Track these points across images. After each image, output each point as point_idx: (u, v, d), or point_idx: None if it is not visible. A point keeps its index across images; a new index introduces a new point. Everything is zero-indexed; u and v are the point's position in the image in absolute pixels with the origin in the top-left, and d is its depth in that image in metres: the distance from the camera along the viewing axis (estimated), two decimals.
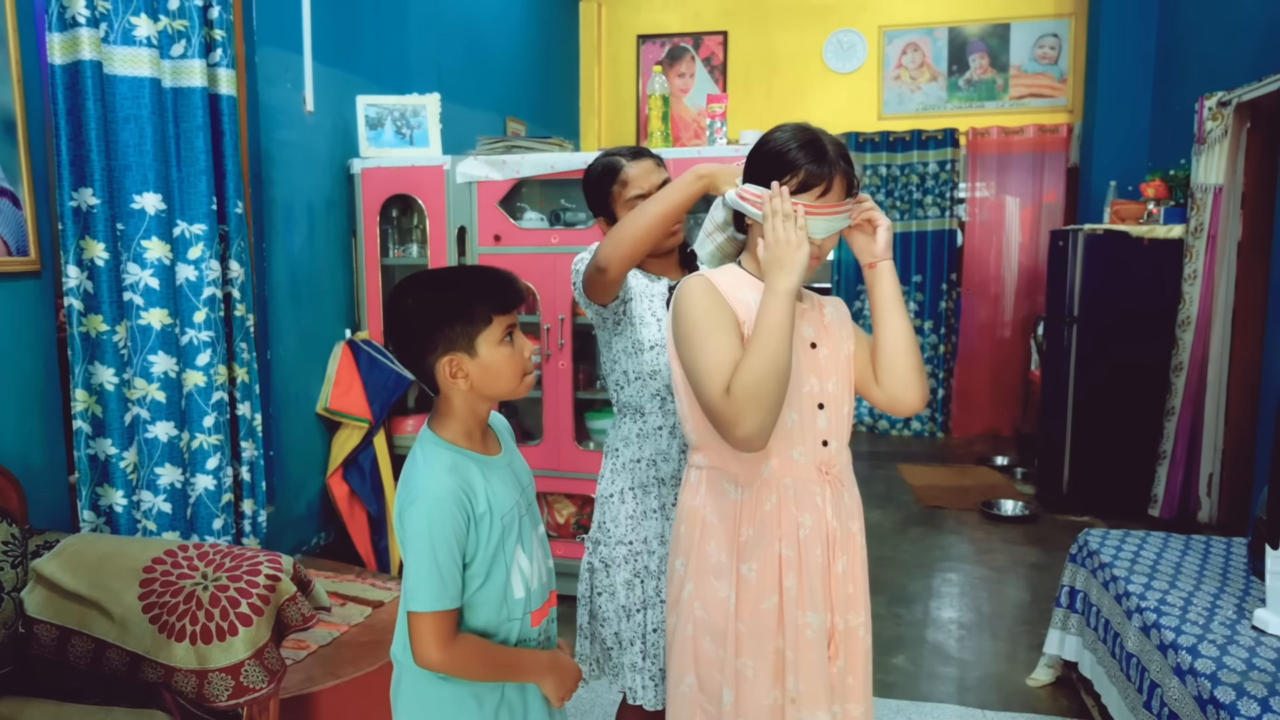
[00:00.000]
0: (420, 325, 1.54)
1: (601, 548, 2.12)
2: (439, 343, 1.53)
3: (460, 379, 1.54)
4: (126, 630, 2.15)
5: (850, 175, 1.69)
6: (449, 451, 1.56)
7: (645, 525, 2.06)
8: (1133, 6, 5.88)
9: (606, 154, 2.19)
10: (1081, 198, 6.31)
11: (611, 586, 2.09)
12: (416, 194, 3.88)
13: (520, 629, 1.60)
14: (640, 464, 2.08)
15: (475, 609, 1.55)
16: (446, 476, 1.51)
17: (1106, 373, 4.99)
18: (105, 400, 2.64)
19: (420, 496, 1.50)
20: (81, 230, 2.61)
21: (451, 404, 1.58)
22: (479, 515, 1.53)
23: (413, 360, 1.57)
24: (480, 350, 1.53)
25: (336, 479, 3.79)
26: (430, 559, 1.47)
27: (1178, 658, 2.20)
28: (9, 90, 2.47)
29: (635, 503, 2.07)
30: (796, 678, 1.68)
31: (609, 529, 2.10)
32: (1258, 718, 1.91)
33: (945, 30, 6.74)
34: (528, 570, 1.60)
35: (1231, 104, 4.30)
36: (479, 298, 1.54)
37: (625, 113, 7.15)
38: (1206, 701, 2.01)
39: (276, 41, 3.55)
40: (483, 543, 1.53)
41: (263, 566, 2.22)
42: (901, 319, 1.74)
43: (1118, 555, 2.85)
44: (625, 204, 2.09)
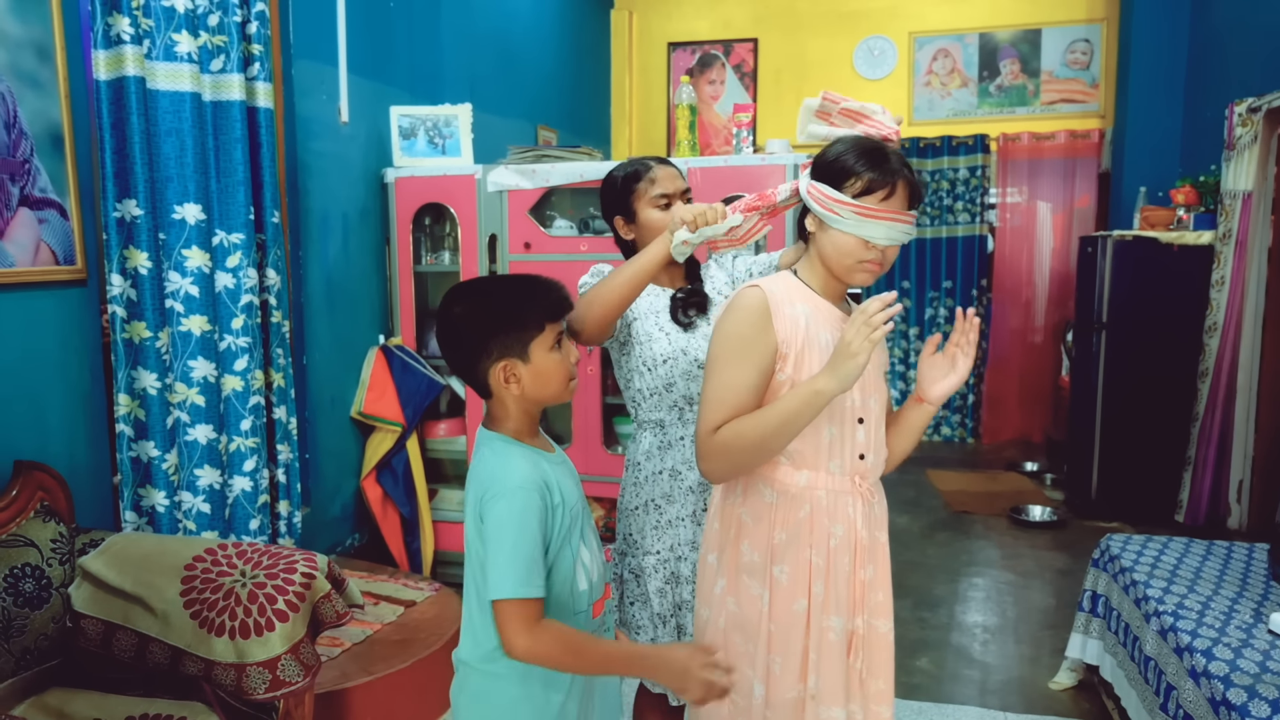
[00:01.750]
0: (474, 332, 1.58)
1: (629, 559, 2.16)
2: (494, 349, 1.56)
3: (514, 384, 1.58)
4: (168, 625, 2.24)
5: (914, 185, 1.68)
6: (519, 446, 1.60)
7: (672, 533, 2.10)
8: (1164, 12, 5.86)
9: (622, 164, 2.24)
10: (1112, 204, 6.29)
11: (644, 595, 2.13)
12: (448, 202, 3.96)
13: (586, 620, 1.64)
14: (663, 475, 2.10)
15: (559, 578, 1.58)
16: (526, 467, 1.55)
17: (1135, 379, 4.97)
18: (148, 404, 2.74)
19: (504, 487, 1.52)
20: (125, 240, 2.71)
21: (506, 407, 1.61)
22: (554, 505, 1.57)
23: (465, 366, 1.61)
24: (534, 356, 1.57)
25: (370, 482, 3.88)
26: (516, 546, 1.49)
27: (1193, 660, 2.22)
28: (57, 105, 2.57)
29: (659, 514, 2.10)
30: (818, 676, 1.73)
31: (635, 540, 2.14)
32: (1268, 719, 1.93)
33: (976, 36, 6.73)
34: (589, 562, 1.64)
35: (1261, 110, 4.28)
36: (532, 305, 1.58)
37: (656, 120, 7.21)
38: (1219, 703, 2.03)
39: (312, 54, 3.64)
40: (557, 531, 1.57)
41: (299, 565, 2.30)
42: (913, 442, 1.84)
43: (1138, 560, 2.87)
44: (649, 200, 2.12)
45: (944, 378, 1.76)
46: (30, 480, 2.41)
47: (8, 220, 2.42)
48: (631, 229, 2.17)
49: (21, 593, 2.22)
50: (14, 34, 2.43)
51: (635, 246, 2.17)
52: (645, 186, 2.13)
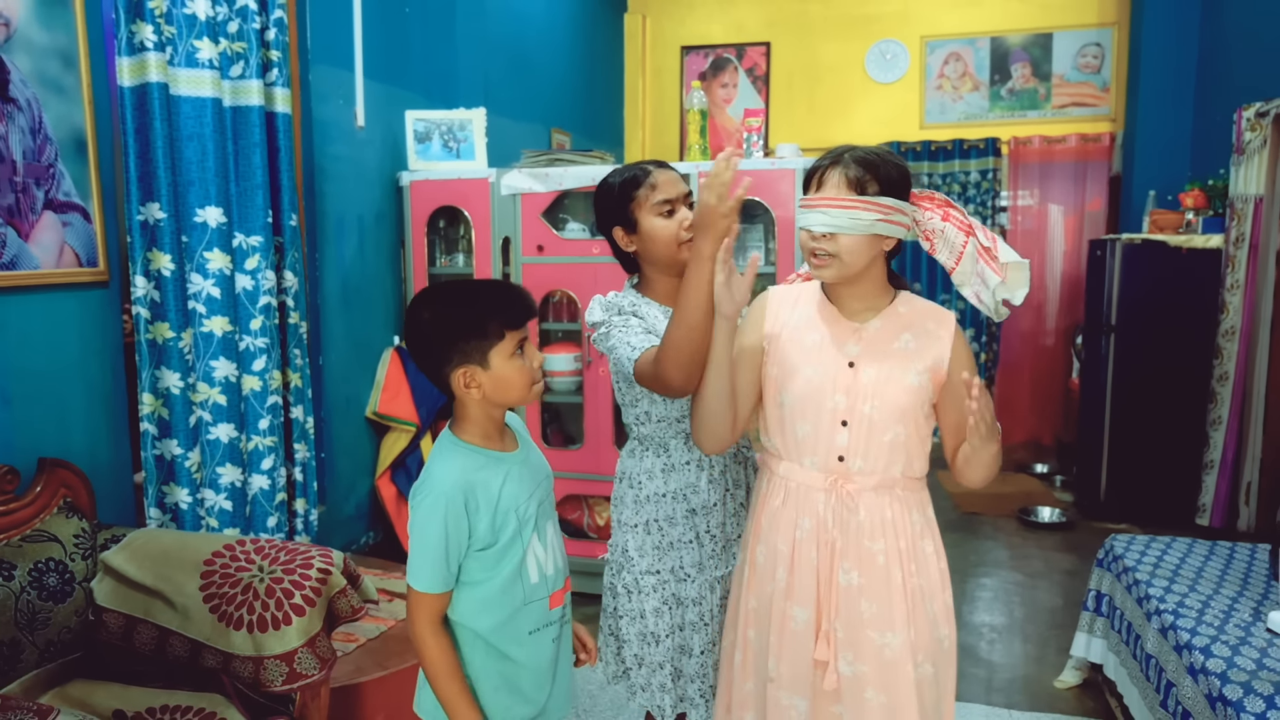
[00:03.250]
0: (437, 339, 1.65)
1: (624, 573, 2.13)
2: (454, 356, 1.63)
3: (474, 389, 1.65)
4: (188, 619, 2.29)
5: (852, 173, 1.71)
6: (465, 452, 1.68)
7: (675, 555, 2.08)
8: (1174, 17, 5.87)
9: (619, 169, 2.14)
10: (1123, 207, 6.30)
11: (636, 611, 2.11)
12: (463, 205, 4.01)
13: (540, 610, 1.72)
14: (666, 498, 2.08)
15: (492, 584, 1.68)
16: (455, 473, 1.64)
17: (1144, 382, 4.99)
18: (171, 403, 2.80)
19: (429, 489, 1.64)
20: (149, 242, 2.77)
21: (467, 409, 1.69)
22: (481, 511, 1.65)
23: (430, 370, 1.69)
24: (493, 363, 1.64)
25: (385, 481, 3.93)
26: (427, 545, 1.63)
27: (1191, 657, 2.26)
28: (80, 111, 2.63)
29: (661, 534, 2.08)
30: (777, 661, 1.81)
31: (632, 556, 2.11)
32: (1262, 714, 1.97)
33: (987, 40, 6.75)
34: (542, 557, 1.72)
35: (1270, 115, 4.29)
36: (492, 314, 1.64)
37: (669, 123, 7.25)
38: (1216, 699, 2.06)
39: (329, 60, 3.70)
40: (500, 532, 1.66)
41: (315, 561, 2.35)
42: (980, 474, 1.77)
43: (1141, 560, 2.90)
44: (652, 208, 2.01)
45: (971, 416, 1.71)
46: (54, 477, 2.47)
47: (33, 223, 2.48)
48: (633, 239, 2.06)
49: (45, 586, 2.28)
50: (39, 41, 2.49)
51: (636, 258, 2.10)
52: (646, 193, 2.03)
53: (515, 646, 1.70)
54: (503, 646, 1.70)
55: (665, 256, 2.03)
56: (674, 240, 2.01)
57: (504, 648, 1.70)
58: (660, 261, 2.05)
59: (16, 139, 2.43)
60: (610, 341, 2.00)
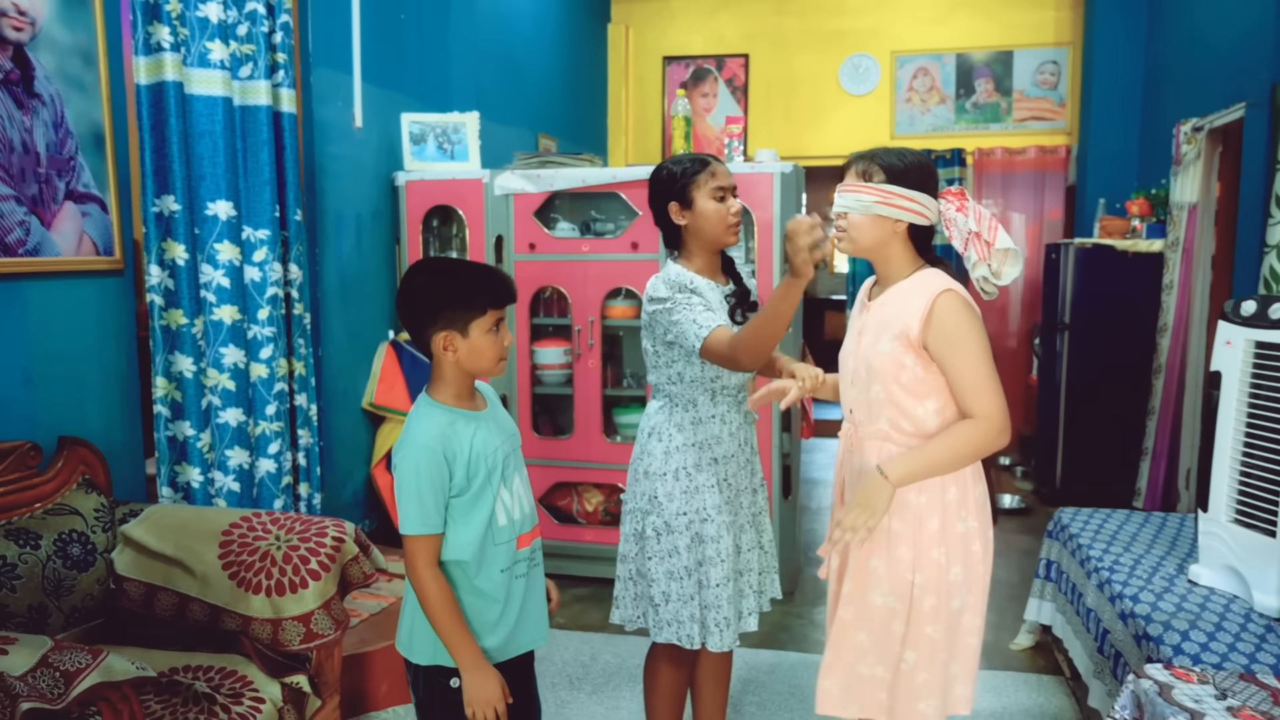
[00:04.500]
0: (427, 302, 1.86)
1: (653, 517, 2.34)
2: (439, 320, 1.85)
3: (450, 352, 1.86)
4: (208, 585, 2.43)
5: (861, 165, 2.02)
6: (441, 411, 1.89)
7: (699, 498, 2.32)
8: (1122, 38, 6.19)
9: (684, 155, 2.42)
10: (1078, 214, 6.59)
11: (667, 550, 2.33)
12: (458, 205, 4.16)
13: (509, 551, 1.93)
14: (694, 447, 2.33)
15: (467, 527, 1.88)
16: (433, 429, 1.84)
17: (1095, 375, 5.28)
18: (184, 386, 2.94)
19: (411, 444, 1.84)
20: (164, 233, 2.91)
21: (443, 371, 1.90)
22: (458, 460, 1.85)
23: (415, 329, 1.90)
24: (472, 333, 1.86)
25: (380, 470, 4.06)
26: (415, 493, 1.82)
27: (1123, 605, 2.51)
28: (99, 107, 2.77)
29: (689, 479, 2.32)
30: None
31: (661, 502, 2.33)
32: (1177, 645, 2.23)
33: (953, 56, 7.00)
34: (509, 502, 1.93)
35: (1204, 129, 4.56)
36: (480, 290, 1.87)
37: (651, 130, 7.44)
38: (1141, 638, 2.31)
39: (329, 63, 3.84)
40: (472, 478, 1.86)
41: (329, 530, 2.50)
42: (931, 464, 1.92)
43: (1085, 528, 3.16)
44: (708, 191, 2.29)
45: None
46: (74, 455, 2.60)
47: (55, 213, 2.61)
48: (686, 214, 2.32)
49: (70, 556, 2.41)
50: (62, 41, 2.63)
51: (683, 232, 2.35)
52: (706, 178, 2.30)
53: (488, 582, 1.91)
54: (478, 582, 1.90)
55: (712, 234, 2.32)
56: (723, 221, 2.31)
57: (479, 583, 1.90)
58: (705, 237, 2.33)
59: (40, 132, 2.56)
60: (675, 316, 2.24)
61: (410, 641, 1.98)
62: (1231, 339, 2.53)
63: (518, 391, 4.19)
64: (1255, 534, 2.42)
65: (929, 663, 1.95)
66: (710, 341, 2.16)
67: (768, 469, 3.88)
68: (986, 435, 1.87)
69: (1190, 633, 2.27)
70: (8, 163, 2.45)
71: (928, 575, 1.93)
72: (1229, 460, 2.52)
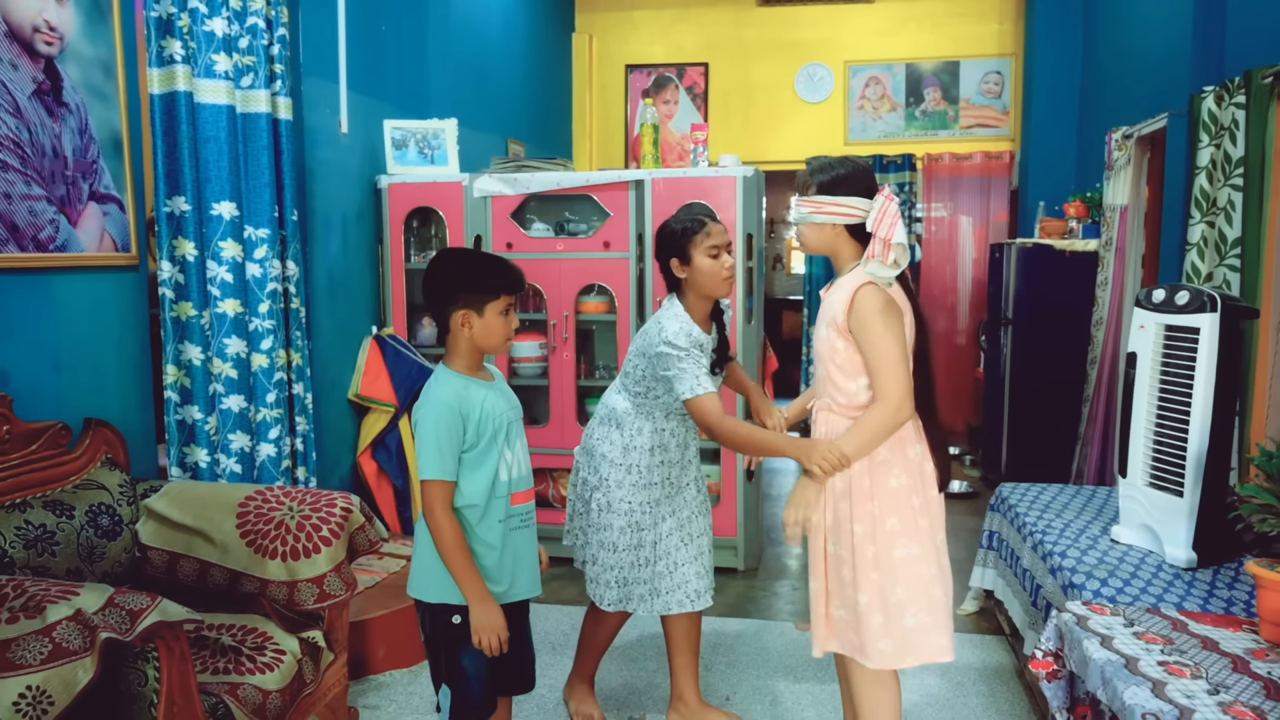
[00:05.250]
0: (451, 282, 2.17)
1: (599, 494, 2.79)
2: (460, 299, 2.15)
3: (467, 329, 2.15)
4: (227, 552, 2.65)
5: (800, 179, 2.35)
6: (456, 377, 2.18)
7: (645, 492, 2.78)
8: (1060, 50, 6.59)
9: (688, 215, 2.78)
10: (1020, 216, 6.97)
11: (603, 525, 2.79)
12: (438, 206, 4.41)
13: (506, 504, 2.22)
14: (647, 451, 2.79)
15: (476, 478, 2.16)
16: (450, 390, 2.14)
17: (1036, 367, 5.64)
18: (193, 374, 3.15)
19: (430, 402, 2.14)
20: (175, 231, 3.12)
21: (458, 344, 2.19)
22: (470, 418, 2.13)
23: (436, 306, 2.19)
24: (486, 313, 2.16)
25: (366, 457, 4.29)
26: (435, 443, 2.10)
27: (1052, 561, 2.82)
28: (118, 115, 2.98)
29: (638, 475, 2.77)
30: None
31: (611, 486, 2.78)
32: (1097, 590, 2.54)
33: (903, 66, 7.37)
34: (510, 460, 2.23)
35: (1133, 137, 4.92)
36: (497, 277, 2.18)
37: (615, 136, 7.71)
38: (1067, 586, 2.61)
39: (318, 73, 4.07)
40: (481, 435, 2.15)
41: (338, 501, 2.74)
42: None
43: (1022, 499, 3.49)
44: (704, 250, 2.65)
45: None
46: (98, 435, 2.81)
47: (80, 212, 2.83)
48: (685, 269, 2.69)
49: (100, 526, 2.62)
50: (86, 53, 2.84)
51: (682, 285, 2.72)
52: (702, 238, 2.67)
53: (488, 530, 2.19)
54: (479, 530, 2.18)
55: (707, 287, 2.69)
56: (717, 276, 2.67)
57: (480, 531, 2.18)
58: (701, 289, 2.70)
59: (68, 138, 2.78)
60: (683, 365, 2.58)
61: (421, 583, 2.24)
62: (1145, 323, 2.86)
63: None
64: (1166, 495, 2.75)
65: (882, 605, 2.24)
66: (700, 403, 2.54)
67: (733, 455, 4.17)
68: (884, 414, 2.17)
69: (1109, 580, 2.59)
70: (40, 166, 2.66)
71: (865, 526, 2.23)
72: (1144, 430, 2.84)
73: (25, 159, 2.62)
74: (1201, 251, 3.92)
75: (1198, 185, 3.99)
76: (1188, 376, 2.67)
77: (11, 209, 2.57)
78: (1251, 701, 1.79)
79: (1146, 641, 2.08)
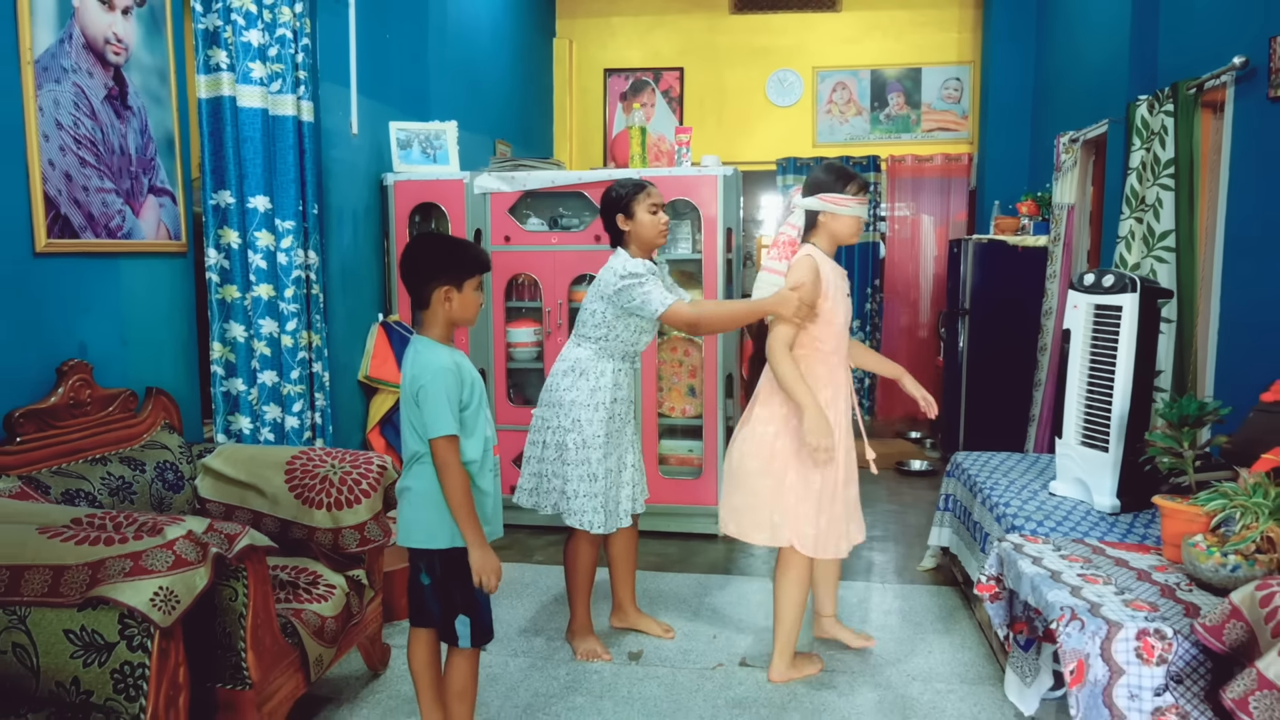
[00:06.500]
0: (434, 262, 2.44)
1: (573, 434, 3.21)
2: (441, 275, 2.41)
3: (448, 303, 2.43)
4: (277, 504, 3.01)
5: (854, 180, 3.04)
6: (442, 346, 2.44)
7: (612, 424, 3.25)
8: (1014, 59, 7.07)
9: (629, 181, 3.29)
10: (978, 215, 7.44)
11: (583, 459, 3.21)
12: (441, 202, 4.77)
13: (492, 457, 2.54)
14: (609, 388, 3.25)
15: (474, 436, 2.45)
16: (447, 357, 2.41)
17: (991, 354, 6.07)
18: (237, 350, 3.50)
19: (432, 367, 2.38)
20: (220, 221, 3.47)
21: (437, 317, 2.44)
22: (464, 383, 2.42)
23: (418, 283, 2.44)
24: (464, 289, 2.45)
25: (375, 434, 4.64)
26: (445, 402, 2.36)
27: (998, 511, 3.23)
28: (170, 117, 3.33)
29: (605, 411, 3.23)
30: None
31: (583, 424, 3.21)
32: (1034, 530, 2.96)
33: (869, 72, 7.83)
34: (488, 417, 2.53)
35: (1079, 140, 5.38)
36: (471, 259, 2.48)
37: (594, 137, 8.09)
38: (1009, 530, 3.01)
39: (333, 78, 4.41)
40: (473, 396, 2.44)
41: (374, 459, 3.11)
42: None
43: (975, 463, 3.92)
44: (646, 206, 3.21)
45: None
46: (158, 402, 3.16)
47: (141, 203, 3.17)
48: (629, 223, 3.23)
49: (166, 480, 2.97)
50: (146, 62, 3.19)
51: (625, 237, 3.26)
52: (644, 197, 3.23)
53: (484, 479, 2.51)
54: (479, 481, 2.49)
55: (646, 238, 3.24)
56: (655, 228, 3.24)
57: (479, 482, 2.49)
58: (642, 241, 3.25)
59: (132, 138, 3.12)
60: (645, 288, 3.11)
61: (430, 533, 2.50)
62: (1078, 304, 3.29)
63: (494, 367, 4.82)
64: (1095, 451, 3.19)
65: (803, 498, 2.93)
66: (673, 311, 3.09)
67: (713, 432, 4.58)
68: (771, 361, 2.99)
69: (1044, 522, 3.02)
70: (110, 163, 3.00)
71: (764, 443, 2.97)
72: (1077, 397, 3.28)
73: (99, 156, 2.96)
74: (1129, 244, 4.37)
75: (1129, 184, 4.44)
76: (1113, 348, 3.10)
77: (89, 200, 2.91)
78: (1149, 599, 2.22)
79: (1070, 560, 2.51)
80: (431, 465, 2.44)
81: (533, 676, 3.21)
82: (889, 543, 4.69)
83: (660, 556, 4.43)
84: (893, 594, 3.95)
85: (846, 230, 3.04)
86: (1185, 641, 2.02)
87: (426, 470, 2.46)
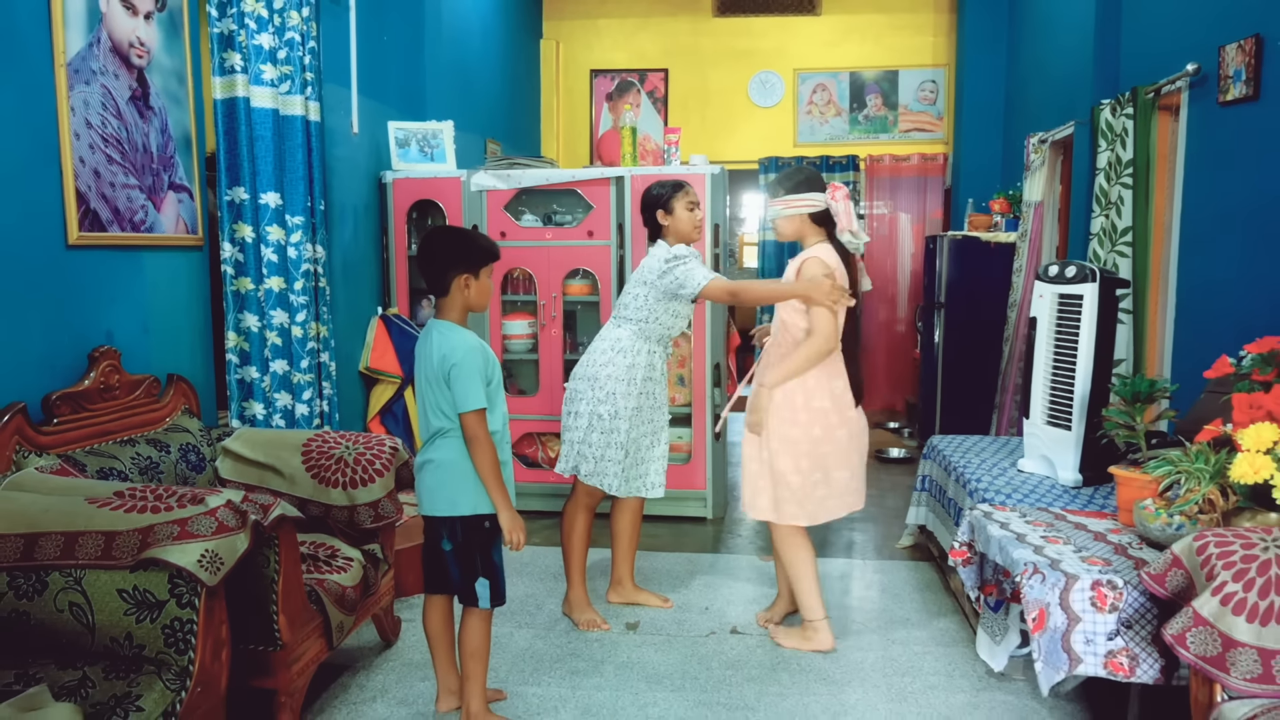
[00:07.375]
0: (452, 252, 2.66)
1: (606, 406, 3.49)
2: (460, 264, 2.64)
3: (467, 290, 2.65)
4: (295, 483, 3.19)
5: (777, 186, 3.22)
6: (463, 327, 2.67)
7: (641, 398, 3.52)
8: (987, 62, 7.34)
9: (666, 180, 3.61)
10: (953, 213, 7.69)
11: (611, 428, 3.49)
12: (438, 199, 4.95)
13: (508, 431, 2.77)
14: (643, 367, 3.53)
15: (498, 411, 2.69)
16: (473, 338, 2.65)
17: (965, 345, 6.32)
18: (251, 339, 3.68)
19: (463, 346, 2.60)
20: (235, 217, 3.65)
21: (455, 303, 2.67)
22: (487, 362, 2.65)
23: (437, 272, 2.65)
24: (480, 277, 2.70)
25: (375, 423, 4.82)
26: (477, 378, 2.59)
27: (971, 487, 3.46)
28: (188, 117, 3.50)
29: (639, 387, 3.51)
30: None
31: (618, 398, 3.48)
32: (1003, 501, 3.19)
33: (847, 74, 8.07)
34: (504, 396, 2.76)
35: (1048, 141, 5.63)
36: (484, 250, 2.73)
37: (580, 136, 8.29)
38: (980, 501, 3.24)
39: (335, 79, 4.59)
40: (494, 374, 2.67)
41: (386, 441, 3.29)
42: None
43: (949, 445, 4.17)
44: (685, 203, 3.52)
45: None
46: (179, 388, 3.34)
47: (162, 199, 3.35)
48: (668, 218, 3.52)
49: (189, 460, 3.15)
50: (166, 64, 3.36)
51: (663, 231, 3.54)
52: (682, 195, 3.54)
53: (504, 450, 2.73)
54: (502, 450, 2.70)
55: (684, 233, 3.55)
56: (691, 223, 3.55)
57: (502, 451, 2.71)
58: (679, 235, 3.55)
59: (153, 137, 3.30)
60: (688, 266, 3.41)
61: (453, 501, 2.70)
62: (1043, 294, 3.52)
63: None
64: (1059, 430, 3.42)
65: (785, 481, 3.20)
66: (714, 284, 3.37)
67: (702, 419, 4.79)
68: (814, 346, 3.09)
69: (1012, 495, 3.25)
70: (135, 160, 3.18)
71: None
72: (1043, 379, 3.51)
73: (125, 154, 3.14)
74: (1102, 240, 4.62)
75: (1097, 184, 4.68)
76: (1075, 334, 3.33)
77: (115, 195, 3.09)
78: (1104, 556, 2.44)
79: (1034, 525, 2.74)
80: (455, 438, 2.64)
81: (537, 644, 3.41)
82: (869, 524, 4.92)
83: (652, 538, 4.64)
84: (873, 569, 4.18)
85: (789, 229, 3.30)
86: (1134, 591, 2.25)
87: (450, 443, 2.65)
